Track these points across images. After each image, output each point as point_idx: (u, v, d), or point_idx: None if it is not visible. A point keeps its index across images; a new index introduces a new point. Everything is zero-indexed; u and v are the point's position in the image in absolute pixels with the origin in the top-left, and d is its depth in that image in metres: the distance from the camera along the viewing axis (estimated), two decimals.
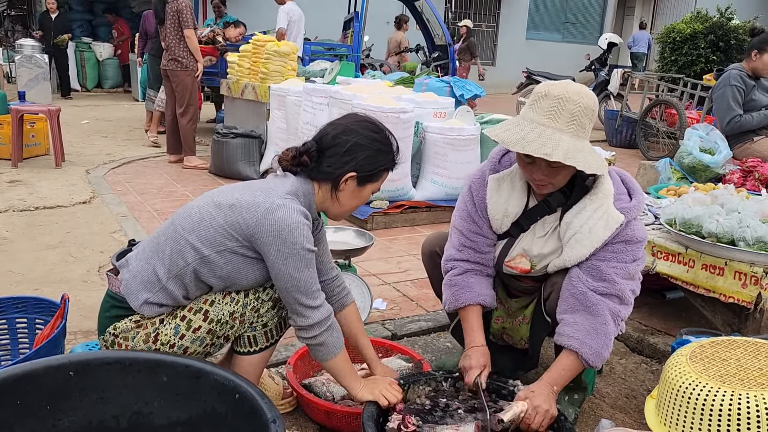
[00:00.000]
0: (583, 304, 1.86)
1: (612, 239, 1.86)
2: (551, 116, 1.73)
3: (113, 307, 1.76)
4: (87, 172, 5.65)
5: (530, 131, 1.73)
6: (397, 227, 4.46)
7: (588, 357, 1.83)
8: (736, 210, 2.50)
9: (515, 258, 2.02)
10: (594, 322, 1.84)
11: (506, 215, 1.97)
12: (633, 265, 1.88)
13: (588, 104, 1.75)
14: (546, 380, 1.86)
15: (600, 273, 1.86)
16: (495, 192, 1.99)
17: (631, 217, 1.88)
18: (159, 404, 1.60)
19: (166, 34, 5.90)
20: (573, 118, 1.73)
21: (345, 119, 1.87)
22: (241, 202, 1.71)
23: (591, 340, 1.83)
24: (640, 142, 7.92)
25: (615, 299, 1.87)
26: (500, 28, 17.52)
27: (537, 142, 1.70)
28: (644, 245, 1.93)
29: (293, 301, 1.72)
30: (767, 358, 1.57)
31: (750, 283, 2.36)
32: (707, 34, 9.41)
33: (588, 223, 1.85)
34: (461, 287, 2.03)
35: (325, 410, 1.96)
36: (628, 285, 1.89)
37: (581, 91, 1.75)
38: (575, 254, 1.88)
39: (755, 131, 4.30)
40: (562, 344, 1.87)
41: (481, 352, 1.97)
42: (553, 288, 1.99)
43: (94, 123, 8.76)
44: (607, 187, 1.88)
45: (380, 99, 4.45)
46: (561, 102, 1.73)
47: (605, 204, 1.85)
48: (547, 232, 1.97)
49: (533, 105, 1.77)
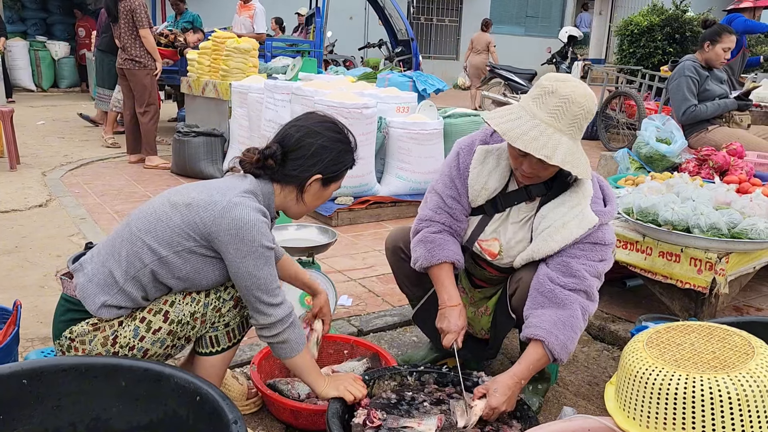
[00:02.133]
0: (551, 300, 1.87)
1: (582, 239, 1.88)
2: (555, 116, 1.74)
3: (69, 311, 1.72)
4: (43, 175, 5.50)
5: (532, 128, 1.73)
6: (363, 223, 4.46)
7: (554, 348, 1.83)
8: (690, 198, 2.57)
9: (488, 240, 2.03)
10: (562, 314, 1.85)
11: (484, 188, 1.98)
12: (600, 265, 1.91)
13: (591, 109, 1.76)
14: (514, 374, 1.85)
15: (570, 269, 1.88)
16: (480, 163, 1.99)
17: (604, 222, 1.91)
18: (118, 409, 1.58)
19: (121, 33, 5.77)
20: (575, 121, 1.74)
21: (306, 120, 1.86)
22: (197, 201, 1.68)
23: (558, 331, 1.84)
24: (600, 133, 8.06)
25: (583, 294, 1.89)
26: (463, 23, 17.62)
27: (538, 141, 1.71)
28: (612, 249, 1.96)
29: (254, 300, 1.70)
30: (720, 341, 1.61)
31: (705, 269, 2.42)
32: (663, 26, 9.61)
33: (563, 219, 1.87)
34: (438, 244, 2.01)
35: (290, 409, 1.95)
36: (595, 282, 1.92)
37: (586, 94, 1.76)
38: (545, 247, 1.90)
39: (710, 121, 4.41)
40: (530, 335, 1.86)
41: (458, 311, 1.97)
42: (519, 284, 2.00)
43: (50, 124, 8.53)
44: (588, 187, 1.91)
45: (342, 95, 4.43)
46: (567, 103, 1.73)
47: (583, 203, 1.88)
48: (521, 219, 1.99)
49: (538, 99, 1.77)
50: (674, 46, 9.58)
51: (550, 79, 1.78)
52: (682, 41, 9.55)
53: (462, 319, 1.97)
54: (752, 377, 1.46)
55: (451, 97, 11.01)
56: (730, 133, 4.33)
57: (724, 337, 1.63)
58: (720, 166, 3.55)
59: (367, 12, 14.04)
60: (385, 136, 4.75)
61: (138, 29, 5.72)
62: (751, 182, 3.23)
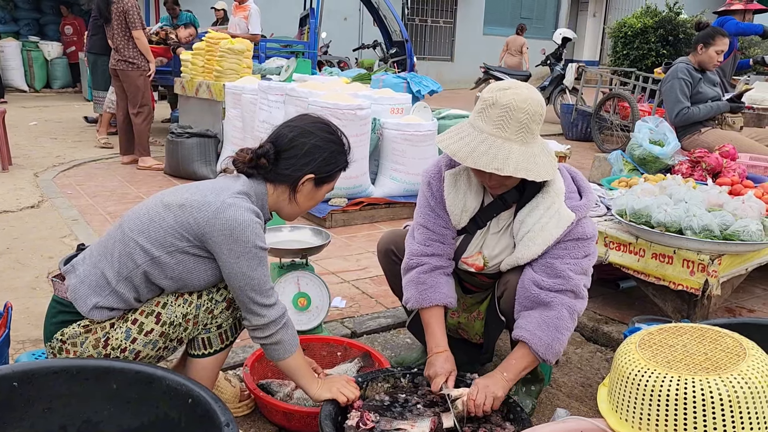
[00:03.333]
0: (538, 303, 1.89)
1: (563, 237, 1.89)
2: (500, 126, 1.74)
3: (60, 313, 1.71)
4: (35, 176, 5.47)
5: (480, 143, 1.74)
6: (357, 224, 4.45)
7: (538, 348, 1.85)
8: (683, 200, 2.58)
9: (472, 255, 2.04)
10: (547, 315, 1.87)
11: (464, 210, 1.99)
12: (585, 261, 1.92)
13: (536, 110, 1.75)
14: (498, 368, 1.90)
15: (554, 270, 1.88)
16: (452, 188, 2.00)
17: (582, 215, 1.91)
18: (109, 412, 1.57)
19: (114, 34, 5.75)
20: (521, 127, 1.74)
21: (299, 120, 1.86)
22: (191, 201, 1.68)
23: (542, 332, 1.86)
24: (594, 135, 8.08)
25: (570, 294, 1.89)
26: (458, 24, 17.64)
27: (488, 155, 1.72)
28: (595, 241, 1.97)
29: (247, 300, 1.69)
30: (712, 343, 1.62)
31: (698, 271, 2.43)
32: (657, 28, 9.65)
33: (540, 222, 1.88)
34: (429, 286, 2.00)
35: (283, 411, 1.94)
36: (582, 280, 1.92)
37: (528, 97, 1.75)
38: (528, 252, 1.91)
39: (702, 123, 4.43)
40: (515, 336, 1.91)
41: (445, 357, 1.96)
42: (506, 286, 2.01)
43: (42, 124, 8.49)
44: (559, 185, 1.91)
45: (337, 96, 4.42)
46: (509, 111, 1.73)
47: (557, 202, 1.88)
48: (501, 228, 2.00)
49: (482, 113, 1.78)
50: (668, 48, 9.62)
51: (491, 91, 1.79)
52: (676, 43, 9.59)
53: (449, 363, 1.95)
54: (743, 379, 1.46)
55: (445, 98, 11.03)
56: (723, 135, 4.35)
57: (716, 338, 1.64)
58: (713, 167, 3.56)
59: (361, 13, 14.04)
60: (379, 137, 4.75)
61: (131, 30, 5.70)
62: (744, 184, 3.24)
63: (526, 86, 1.81)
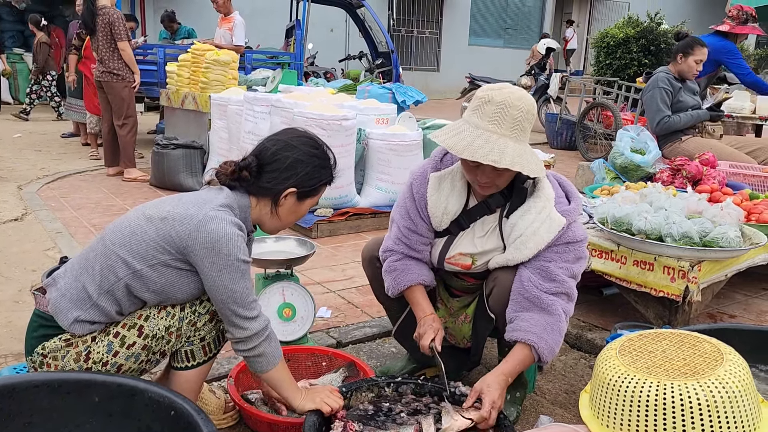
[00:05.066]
0: (537, 305, 1.92)
1: (555, 241, 1.92)
2: (496, 122, 1.78)
3: (41, 326, 1.70)
4: (19, 188, 5.43)
5: (476, 137, 1.77)
6: (342, 234, 4.46)
7: (543, 352, 1.90)
8: (663, 207, 2.61)
9: (455, 255, 2.07)
10: (550, 319, 1.91)
11: (446, 213, 2.02)
12: (576, 265, 1.96)
13: (529, 109, 1.81)
14: (501, 371, 1.90)
15: (549, 273, 1.92)
16: (435, 190, 2.03)
17: (572, 220, 1.95)
18: (91, 426, 1.56)
19: (99, 46, 5.75)
20: (516, 124, 1.78)
21: (284, 134, 1.87)
22: (173, 214, 1.68)
23: (548, 335, 1.90)
24: (579, 143, 8.16)
25: (564, 297, 1.94)
26: (443, 35, 17.76)
27: (484, 149, 1.75)
28: (585, 244, 2.01)
29: (230, 313, 1.69)
30: (690, 348, 1.64)
31: (678, 277, 2.46)
32: (639, 38, 9.76)
33: (532, 226, 1.91)
34: (401, 271, 2.10)
35: (267, 422, 1.94)
36: (573, 283, 1.96)
37: (522, 96, 1.81)
38: (519, 255, 1.94)
39: (683, 131, 4.50)
40: (519, 339, 1.92)
41: (432, 318, 2.06)
42: (495, 283, 2.03)
43: (26, 137, 8.43)
44: (549, 191, 1.94)
45: (322, 106, 4.44)
46: (504, 108, 1.77)
47: (548, 207, 1.91)
48: (486, 231, 2.02)
49: (477, 110, 1.82)
50: (649, 57, 9.74)
51: (485, 90, 1.84)
52: (657, 53, 9.71)
53: (436, 322, 2.06)
54: (721, 383, 1.48)
55: (431, 108, 11.08)
56: (703, 143, 4.41)
57: (694, 344, 1.66)
58: (693, 175, 3.62)
59: (347, 24, 14.10)
60: (364, 147, 4.77)
61: (116, 42, 5.70)
62: (723, 191, 3.29)
63: (518, 88, 1.87)
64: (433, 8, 17.50)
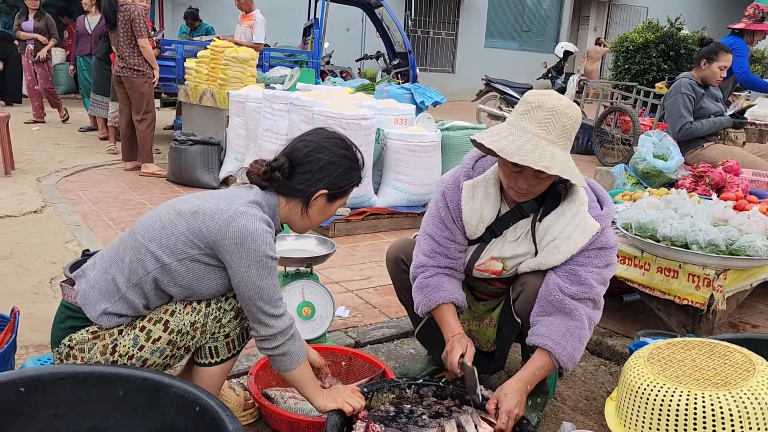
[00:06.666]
0: (560, 309, 1.89)
1: (587, 246, 1.90)
2: (546, 128, 1.76)
3: (69, 318, 1.70)
4: (38, 181, 5.48)
5: (526, 142, 1.75)
6: (359, 234, 4.45)
7: (561, 358, 1.86)
8: (688, 214, 2.58)
9: (485, 261, 2.05)
10: (571, 325, 1.87)
11: (481, 221, 1.99)
12: (607, 270, 1.94)
13: (577, 118, 1.79)
14: (520, 378, 1.88)
15: (578, 277, 1.89)
16: (470, 198, 2.00)
17: (605, 225, 1.92)
18: (116, 419, 1.56)
19: (119, 41, 5.78)
20: (564, 131, 1.77)
21: (315, 135, 1.86)
22: (203, 209, 1.68)
23: (566, 341, 1.86)
24: (596, 148, 8.10)
25: (590, 303, 1.91)
26: (459, 37, 17.73)
27: (535, 154, 1.73)
28: (616, 251, 1.98)
29: (256, 310, 1.69)
30: (720, 358, 1.62)
31: (703, 285, 2.43)
32: (658, 43, 9.71)
33: (566, 230, 1.89)
34: (433, 288, 2.03)
35: (288, 420, 1.94)
36: (601, 290, 1.93)
37: (571, 105, 1.79)
38: (552, 259, 1.92)
39: (705, 138, 4.45)
40: (537, 344, 1.89)
41: (460, 336, 1.99)
42: (523, 287, 2.01)
43: (45, 130, 8.50)
44: (582, 195, 1.92)
45: (341, 105, 4.43)
46: (555, 115, 1.75)
47: (581, 212, 1.89)
48: (518, 236, 2.00)
49: (526, 114, 1.79)
50: (669, 63, 9.68)
51: (534, 95, 1.81)
52: (677, 58, 9.65)
53: (465, 339, 1.98)
54: (753, 394, 1.46)
55: (447, 110, 11.05)
56: (726, 150, 4.36)
57: (724, 353, 1.64)
58: (716, 182, 3.57)
59: (364, 24, 14.10)
60: (383, 147, 4.76)
61: (137, 38, 5.73)
62: (748, 199, 3.25)
63: (563, 96, 1.84)
64: (450, 10, 17.47)
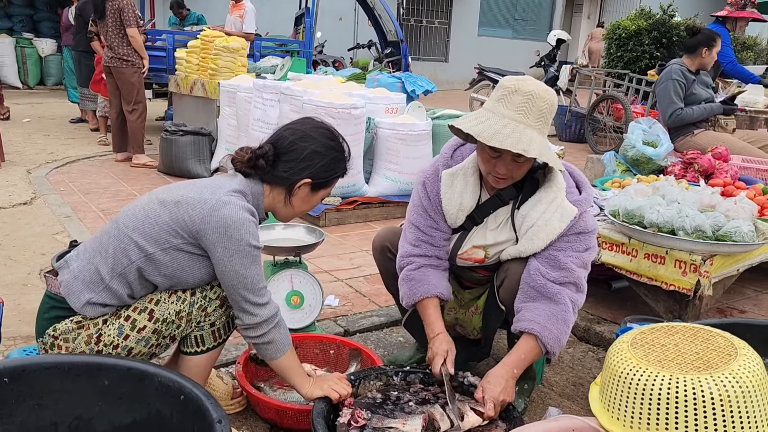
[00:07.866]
0: (543, 294, 1.90)
1: (566, 231, 1.90)
2: (522, 112, 1.75)
3: (53, 308, 1.70)
4: (28, 172, 5.45)
5: (503, 126, 1.75)
6: (350, 223, 4.45)
7: (547, 341, 1.87)
8: (676, 200, 2.59)
9: (468, 250, 2.05)
10: (555, 309, 1.88)
11: (461, 209, 2.00)
12: (586, 254, 1.94)
13: (554, 102, 1.79)
14: (505, 364, 1.89)
15: (558, 262, 1.90)
16: (449, 187, 2.01)
17: (583, 210, 1.93)
18: (101, 408, 1.56)
19: (108, 31, 5.74)
20: (541, 115, 1.77)
21: (302, 124, 1.86)
22: (186, 198, 1.68)
23: (552, 325, 1.87)
24: (588, 136, 8.10)
25: (572, 287, 1.92)
26: (452, 25, 17.65)
27: (512, 138, 1.72)
28: (595, 235, 1.99)
29: (240, 299, 1.69)
30: (703, 342, 1.63)
31: (689, 271, 2.44)
32: (651, 30, 9.66)
33: (544, 216, 1.89)
34: (418, 281, 2.04)
35: (275, 408, 1.94)
36: (583, 273, 1.94)
37: (548, 89, 1.80)
38: (532, 246, 1.92)
39: (695, 124, 4.46)
40: (523, 329, 1.90)
41: (442, 338, 1.99)
42: (507, 274, 2.01)
43: (36, 121, 8.44)
44: (560, 180, 1.92)
45: (331, 95, 4.42)
46: (531, 99, 1.75)
47: (559, 197, 1.90)
48: (499, 224, 2.01)
49: (503, 99, 1.79)
50: (661, 50, 9.64)
51: (510, 80, 1.81)
52: (669, 45, 9.61)
53: (445, 343, 1.97)
54: (735, 378, 1.47)
55: (439, 99, 11.03)
56: (716, 136, 4.38)
57: (707, 338, 1.64)
58: (705, 169, 3.58)
59: (356, 13, 14.05)
60: (373, 136, 4.75)
61: (126, 28, 5.69)
62: (736, 185, 3.26)
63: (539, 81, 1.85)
64: None
